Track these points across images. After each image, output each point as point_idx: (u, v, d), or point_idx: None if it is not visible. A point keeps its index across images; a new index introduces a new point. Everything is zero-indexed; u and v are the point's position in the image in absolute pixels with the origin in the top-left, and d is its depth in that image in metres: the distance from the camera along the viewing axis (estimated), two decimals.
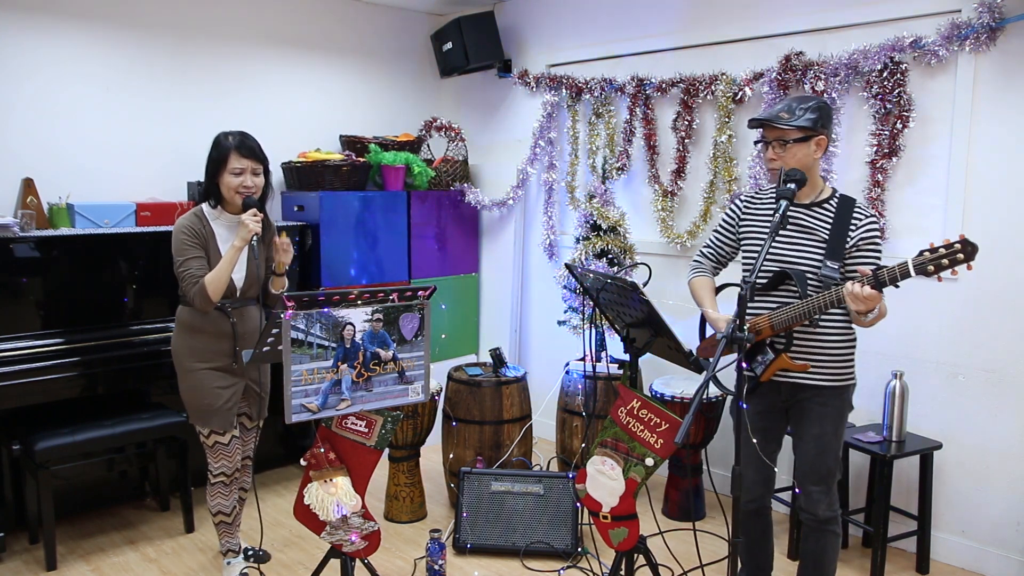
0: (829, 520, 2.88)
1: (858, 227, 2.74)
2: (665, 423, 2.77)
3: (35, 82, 4.08)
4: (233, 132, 3.21)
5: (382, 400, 2.80)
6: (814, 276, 2.74)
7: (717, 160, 4.30)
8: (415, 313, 2.79)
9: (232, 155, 3.14)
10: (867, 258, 2.74)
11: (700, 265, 3.16)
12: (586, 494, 2.96)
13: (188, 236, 3.15)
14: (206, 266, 3.15)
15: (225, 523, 3.42)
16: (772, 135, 2.79)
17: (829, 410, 2.84)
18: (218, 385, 3.22)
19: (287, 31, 5.00)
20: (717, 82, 4.24)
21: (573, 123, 5.06)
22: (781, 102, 2.81)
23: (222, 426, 3.25)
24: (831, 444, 2.85)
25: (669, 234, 4.56)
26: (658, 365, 4.26)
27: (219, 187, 3.19)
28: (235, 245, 3.11)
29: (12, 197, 4.00)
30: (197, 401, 3.23)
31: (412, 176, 5.08)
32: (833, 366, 2.82)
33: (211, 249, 3.19)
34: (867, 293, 2.50)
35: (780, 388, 2.90)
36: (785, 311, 2.75)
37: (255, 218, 3.10)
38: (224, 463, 3.31)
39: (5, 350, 3.68)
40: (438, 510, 4.31)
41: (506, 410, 4.15)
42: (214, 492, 3.36)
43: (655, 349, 2.94)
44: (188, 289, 3.12)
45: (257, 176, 3.20)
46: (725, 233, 3.08)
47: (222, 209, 3.23)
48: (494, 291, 5.58)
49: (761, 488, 3.04)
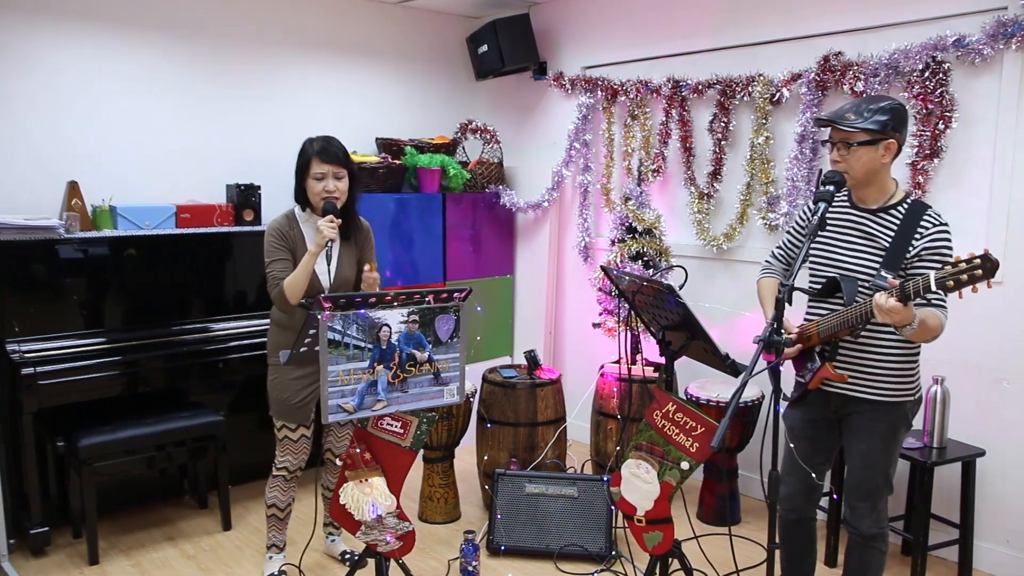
0: (874, 537, 2.78)
1: (923, 236, 2.58)
2: (701, 427, 2.75)
3: (80, 88, 4.17)
4: (317, 137, 3.28)
5: (417, 401, 2.82)
6: (866, 285, 2.63)
7: (754, 162, 4.27)
8: (451, 315, 2.81)
9: (313, 160, 3.21)
10: (928, 270, 2.52)
11: (770, 267, 3.08)
12: (620, 497, 2.94)
13: (275, 238, 3.25)
14: (290, 268, 3.23)
15: (276, 517, 3.46)
16: (837, 136, 2.65)
17: (880, 425, 2.71)
18: (299, 382, 3.29)
19: (325, 35, 5.05)
20: (754, 83, 4.21)
21: (608, 125, 5.05)
22: (850, 102, 2.68)
23: (295, 421, 3.32)
24: (879, 461, 2.73)
25: (705, 236, 4.53)
26: (693, 368, 4.23)
27: (305, 191, 3.27)
28: (311, 250, 3.17)
29: (58, 200, 4.09)
30: (276, 395, 3.32)
31: (447, 178, 5.10)
32: (886, 380, 2.69)
33: (299, 251, 3.27)
34: (890, 305, 2.37)
35: (830, 399, 2.81)
36: (830, 319, 2.69)
37: (330, 224, 3.12)
38: (289, 459, 3.38)
39: (50, 349, 3.76)
40: (472, 511, 4.32)
41: (540, 412, 4.16)
42: (273, 484, 3.42)
43: (691, 352, 2.91)
44: (271, 290, 3.23)
45: (340, 180, 3.25)
46: (797, 235, 2.99)
47: (311, 212, 3.31)
48: (529, 293, 5.58)
49: (802, 499, 2.95)
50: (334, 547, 3.75)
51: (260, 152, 4.80)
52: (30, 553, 3.77)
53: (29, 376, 3.60)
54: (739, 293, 4.41)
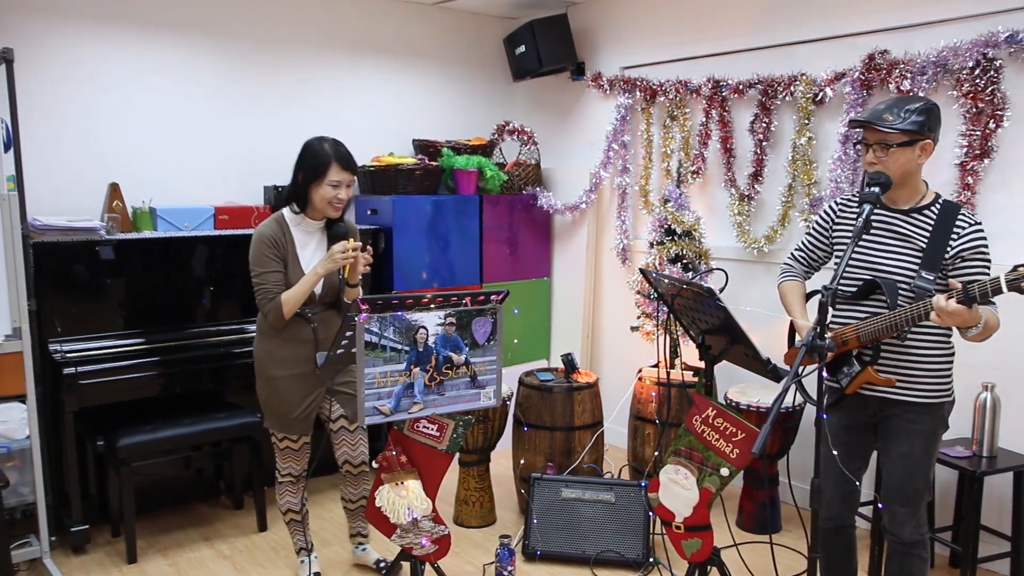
0: (915, 544, 2.74)
1: (960, 236, 2.57)
2: (741, 432, 2.72)
3: (120, 91, 4.25)
4: (327, 139, 3.17)
5: (454, 404, 2.82)
6: (907, 287, 2.61)
7: (796, 163, 4.22)
8: (488, 317, 2.81)
9: (333, 166, 3.10)
10: (972, 271, 2.56)
11: (790, 269, 3.05)
12: (659, 503, 2.93)
13: (268, 246, 3.13)
14: (283, 281, 3.13)
15: (296, 521, 3.46)
16: (874, 137, 2.62)
17: (920, 427, 2.69)
18: (297, 393, 3.22)
19: (362, 37, 5.09)
20: (796, 83, 4.16)
21: (647, 126, 5.02)
22: (883, 102, 2.65)
23: (297, 432, 3.28)
24: (920, 464, 2.70)
25: (746, 239, 4.48)
26: (733, 373, 4.19)
27: (309, 194, 3.15)
28: (317, 272, 3.09)
29: (99, 201, 4.17)
30: (274, 407, 3.25)
31: (484, 180, 5.11)
32: (926, 381, 2.67)
33: (289, 256, 3.17)
34: (952, 308, 2.36)
35: (867, 403, 2.77)
36: (872, 322, 2.65)
37: (344, 253, 3.06)
38: (292, 465, 3.35)
39: (91, 349, 3.83)
40: (508, 516, 4.32)
41: (577, 416, 4.14)
42: (282, 491, 3.39)
43: (731, 356, 2.89)
44: (263, 303, 3.12)
45: (350, 188, 3.17)
46: (817, 237, 2.96)
47: (304, 215, 3.20)
48: (566, 296, 5.57)
49: (840, 505, 2.91)
50: (366, 556, 3.69)
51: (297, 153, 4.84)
52: (71, 551, 3.84)
53: (71, 376, 3.67)
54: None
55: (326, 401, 3.36)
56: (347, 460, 3.42)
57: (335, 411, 3.37)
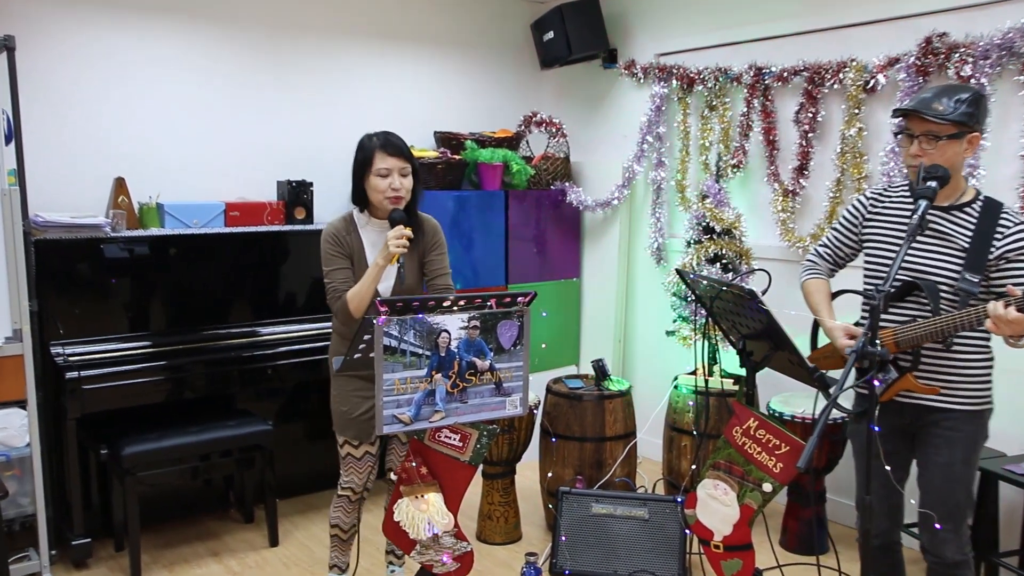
0: (959, 564, 2.70)
1: (1005, 236, 2.57)
2: (786, 445, 2.71)
3: (127, 82, 4.30)
4: (377, 132, 3.21)
5: (478, 413, 2.83)
6: (949, 289, 2.60)
7: (845, 156, 4.19)
8: (514, 320, 2.81)
9: (377, 154, 3.10)
10: (1018, 273, 2.56)
11: (815, 266, 3.05)
12: (696, 520, 2.93)
13: (332, 244, 3.16)
14: (351, 278, 3.15)
15: (339, 538, 3.45)
16: (920, 128, 2.60)
17: (960, 436, 2.67)
18: (359, 394, 3.23)
19: (380, 23, 5.12)
20: (846, 69, 4.13)
21: (684, 117, 5.01)
22: (928, 90, 2.63)
23: (357, 437, 3.27)
24: (962, 475, 2.69)
25: (790, 237, 4.46)
26: (776, 381, 4.16)
27: (366, 191, 3.17)
28: (378, 263, 3.08)
29: (104, 197, 4.22)
30: (337, 407, 3.29)
31: (510, 175, 5.12)
32: (967, 388, 2.67)
33: (357, 258, 3.19)
34: (1012, 316, 2.34)
35: (904, 409, 2.76)
36: (914, 327, 2.63)
37: (399, 240, 3.02)
38: (354, 478, 3.33)
39: (95, 352, 3.88)
40: (534, 532, 4.33)
41: (609, 426, 4.14)
42: (337, 504, 3.39)
43: (774, 363, 2.89)
44: (332, 303, 3.16)
45: (405, 177, 3.15)
46: (846, 232, 2.95)
47: (370, 215, 3.22)
48: (597, 298, 5.57)
49: (886, 521, 2.89)
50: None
51: (312, 147, 4.89)
52: (72, 565, 3.89)
53: (73, 380, 3.72)
54: None
55: None
56: (392, 468, 3.47)
57: None
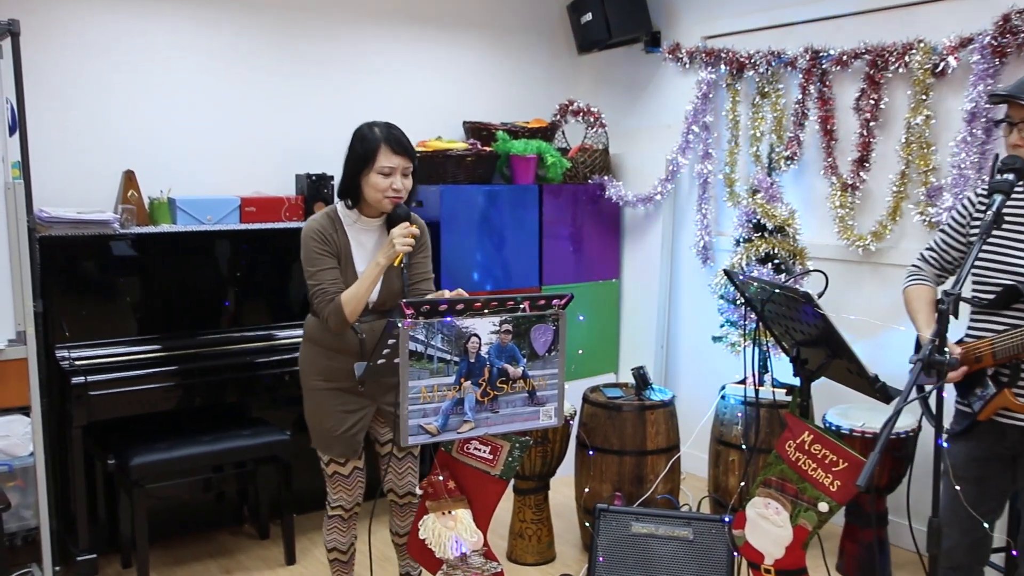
0: None
1: None
2: (844, 461, 2.68)
3: (136, 69, 4.34)
4: (378, 123, 3.15)
5: (509, 423, 2.81)
6: None
7: (910, 146, 4.14)
8: (549, 324, 2.79)
9: (382, 151, 3.05)
10: None
11: (919, 272, 2.99)
12: (745, 542, 2.91)
13: (318, 243, 3.09)
14: (340, 279, 3.10)
15: (340, 561, 3.44)
16: (1020, 115, 2.57)
17: None
18: (343, 408, 3.20)
19: (405, 5, 5.13)
20: (912, 51, 4.08)
21: (733, 105, 4.98)
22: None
23: (343, 454, 3.25)
24: None
25: (849, 235, 4.41)
26: (833, 391, 4.11)
27: (360, 187, 3.12)
28: (379, 263, 3.04)
29: (113, 191, 4.26)
30: (318, 424, 3.24)
31: (544, 167, 5.11)
32: None
33: (344, 258, 3.14)
34: None
35: (1005, 432, 2.70)
36: (1012, 336, 2.58)
37: (404, 236, 3.01)
38: (343, 496, 3.32)
39: (102, 356, 3.91)
40: (569, 552, 4.31)
41: (650, 439, 4.11)
42: (331, 526, 3.38)
43: (831, 372, 2.86)
44: (322, 307, 3.08)
45: (407, 177, 3.13)
46: (952, 234, 2.89)
47: (359, 212, 3.18)
48: (638, 300, 5.54)
49: (966, 555, 2.82)
50: None
51: (333, 138, 4.86)
52: None
53: (80, 386, 3.75)
54: (890, 303, 4.27)
55: (377, 422, 3.35)
56: (392, 488, 3.42)
57: (384, 434, 3.37)
